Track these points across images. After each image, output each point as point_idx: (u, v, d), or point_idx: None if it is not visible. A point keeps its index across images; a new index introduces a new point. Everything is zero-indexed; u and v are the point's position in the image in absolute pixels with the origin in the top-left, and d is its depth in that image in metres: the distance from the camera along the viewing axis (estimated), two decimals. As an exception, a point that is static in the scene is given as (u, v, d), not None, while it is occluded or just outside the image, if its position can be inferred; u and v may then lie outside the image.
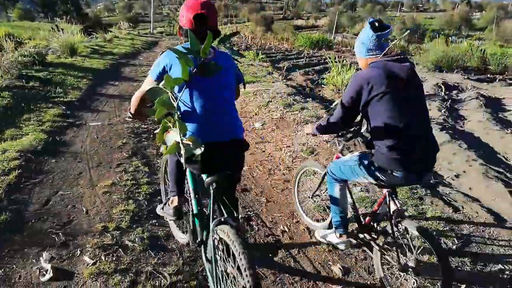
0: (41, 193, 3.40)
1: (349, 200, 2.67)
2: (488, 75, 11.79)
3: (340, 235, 2.65)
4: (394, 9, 71.93)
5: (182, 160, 1.91)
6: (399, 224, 2.32)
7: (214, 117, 2.05)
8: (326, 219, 3.11)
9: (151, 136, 4.99)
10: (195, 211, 2.35)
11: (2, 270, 2.45)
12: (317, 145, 5.10)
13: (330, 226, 2.85)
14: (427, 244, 2.17)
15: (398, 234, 2.36)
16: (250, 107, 6.97)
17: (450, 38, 24.26)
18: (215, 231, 1.98)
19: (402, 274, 2.40)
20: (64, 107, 5.82)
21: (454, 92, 9.55)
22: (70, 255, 2.65)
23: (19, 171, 3.68)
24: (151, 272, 2.55)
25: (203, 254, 2.34)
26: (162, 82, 1.89)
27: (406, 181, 2.30)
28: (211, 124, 2.04)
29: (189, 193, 2.42)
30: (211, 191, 2.08)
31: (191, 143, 1.84)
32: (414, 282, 2.34)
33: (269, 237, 3.16)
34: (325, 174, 2.78)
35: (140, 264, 2.61)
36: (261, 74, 9.57)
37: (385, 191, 2.45)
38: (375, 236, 2.58)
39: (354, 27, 50.65)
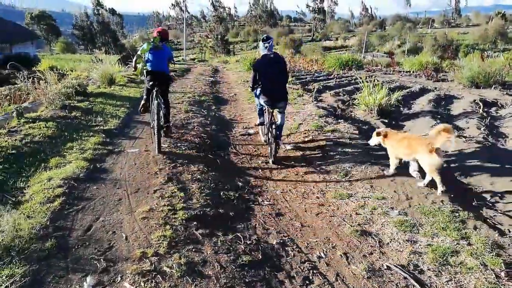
0: (83, 220, 3.54)
1: (267, 119, 5.66)
2: (529, 90, 11.25)
3: (261, 124, 6.16)
4: (425, 25, 70.80)
5: (148, 83, 5.73)
6: (273, 125, 5.29)
7: (156, 63, 5.74)
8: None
9: (186, 161, 5.11)
10: (147, 100, 5.89)
11: (49, 295, 2.56)
12: (350, 168, 5.04)
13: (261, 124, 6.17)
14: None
15: (273, 132, 5.30)
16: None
17: (485, 52, 23.50)
18: (154, 104, 5.58)
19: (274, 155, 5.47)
20: (104, 135, 6.09)
21: (493, 108, 9.16)
22: (111, 281, 2.73)
23: (63, 198, 3.86)
24: (189, 298, 2.57)
25: (150, 115, 5.79)
26: (140, 52, 5.84)
27: (269, 104, 5.35)
28: (154, 64, 5.73)
29: (150, 102, 5.81)
30: (154, 92, 5.58)
31: (145, 68, 5.80)
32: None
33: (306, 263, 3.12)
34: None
35: (178, 291, 2.64)
36: (292, 97, 9.61)
37: (268, 112, 5.51)
38: (270, 133, 5.45)
39: (384, 45, 50.08)
